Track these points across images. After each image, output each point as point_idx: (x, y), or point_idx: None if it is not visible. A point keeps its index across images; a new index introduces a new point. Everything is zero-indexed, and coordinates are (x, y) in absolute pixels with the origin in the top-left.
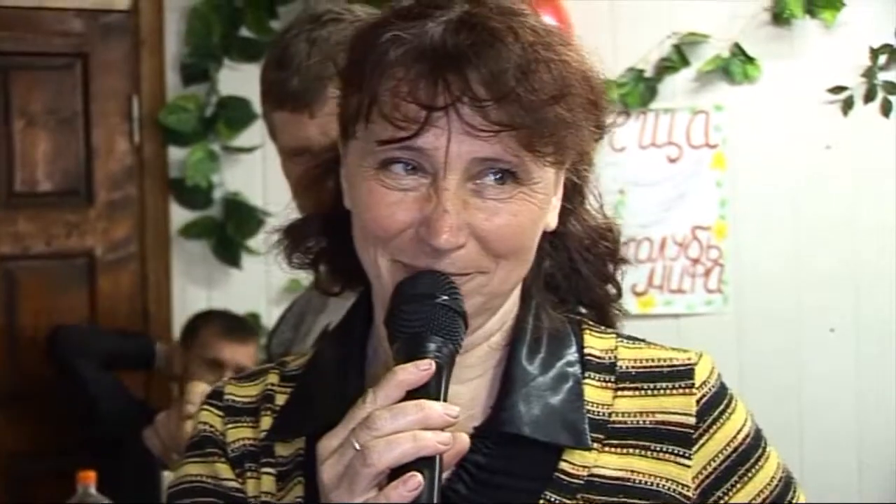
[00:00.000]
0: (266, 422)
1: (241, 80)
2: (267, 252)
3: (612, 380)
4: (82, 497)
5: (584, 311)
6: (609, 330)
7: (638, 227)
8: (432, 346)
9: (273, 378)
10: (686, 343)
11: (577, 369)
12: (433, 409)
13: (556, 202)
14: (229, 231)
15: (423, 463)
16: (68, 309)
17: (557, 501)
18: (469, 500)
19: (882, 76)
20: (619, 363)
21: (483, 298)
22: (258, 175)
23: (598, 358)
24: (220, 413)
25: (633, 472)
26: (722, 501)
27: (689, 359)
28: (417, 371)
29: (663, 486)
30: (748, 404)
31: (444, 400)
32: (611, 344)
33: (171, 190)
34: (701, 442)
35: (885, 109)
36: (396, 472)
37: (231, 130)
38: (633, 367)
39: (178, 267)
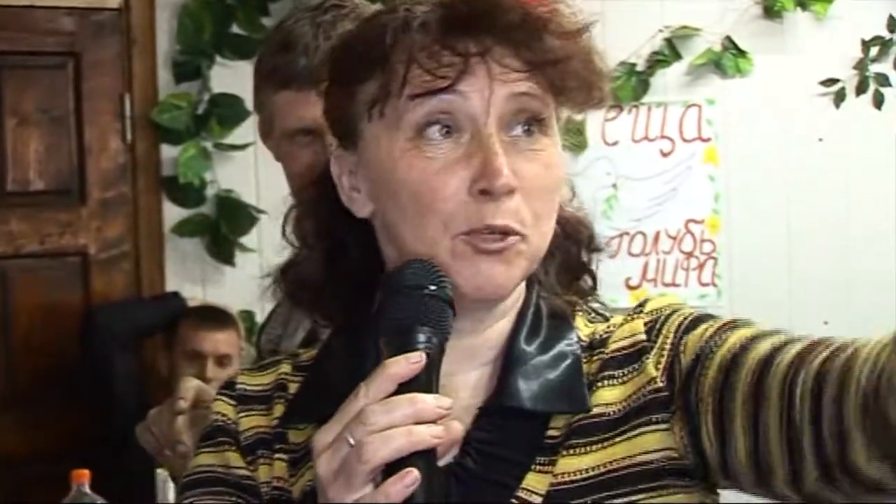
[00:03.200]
0: (279, 409)
1: (233, 77)
2: (260, 250)
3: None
4: (76, 496)
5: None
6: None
7: (631, 222)
8: (422, 338)
9: (286, 367)
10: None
11: (576, 348)
12: (426, 402)
13: None
14: (222, 229)
15: (419, 456)
16: (62, 308)
17: (547, 461)
18: (477, 474)
19: (874, 68)
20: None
21: (527, 263)
22: (251, 172)
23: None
24: (233, 402)
25: (607, 404)
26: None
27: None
28: (408, 364)
29: (637, 397)
30: None
31: (436, 391)
32: (601, 328)
33: (163, 188)
34: (656, 343)
35: (877, 101)
36: (392, 467)
37: (223, 128)
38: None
39: (171, 265)
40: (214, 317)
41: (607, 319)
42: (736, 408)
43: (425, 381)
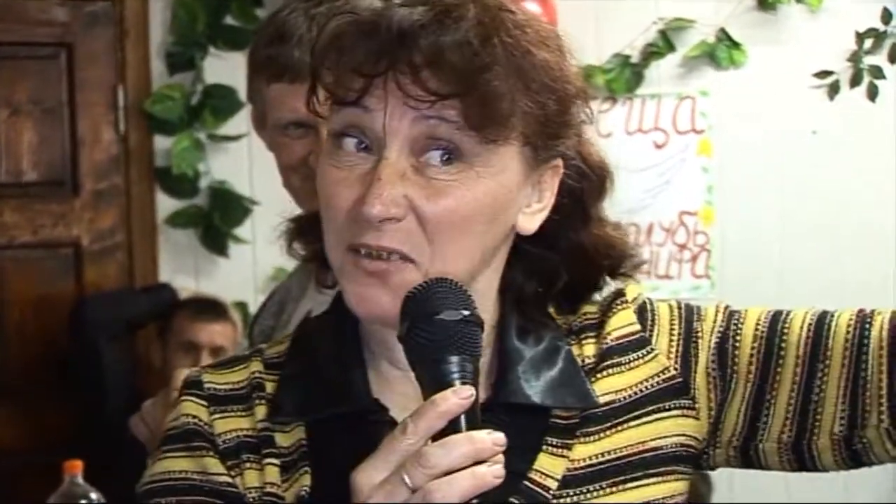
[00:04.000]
0: (261, 411)
1: (226, 68)
2: (253, 241)
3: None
4: (69, 487)
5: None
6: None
7: (624, 213)
8: (464, 369)
9: (256, 365)
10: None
11: (561, 337)
12: (483, 440)
13: (536, 206)
14: (216, 220)
15: (479, 497)
16: (55, 300)
17: (560, 444)
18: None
19: (868, 60)
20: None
21: (400, 294)
22: (244, 163)
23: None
24: (204, 403)
25: (616, 391)
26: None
27: (617, 289)
28: (459, 400)
29: (649, 385)
30: None
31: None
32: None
33: (157, 179)
34: (654, 332)
35: (872, 94)
36: None
37: (217, 119)
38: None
39: (164, 256)
40: (210, 308)
41: (573, 306)
42: (786, 372)
43: (472, 415)
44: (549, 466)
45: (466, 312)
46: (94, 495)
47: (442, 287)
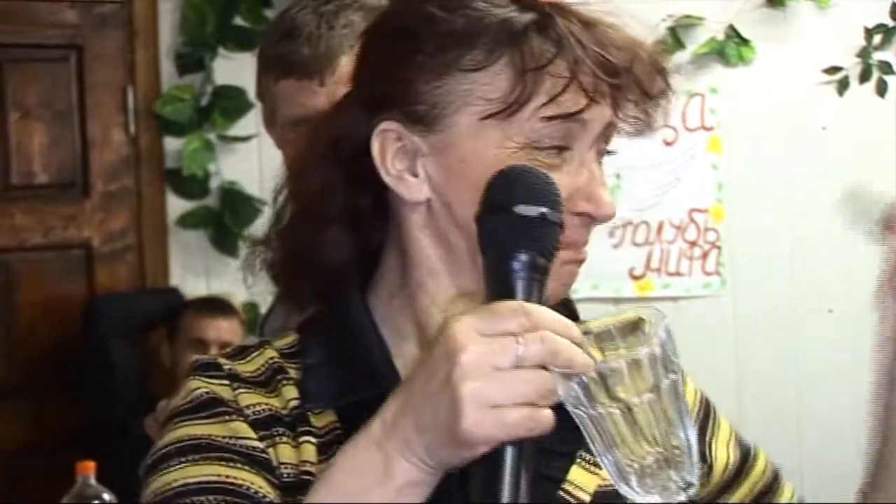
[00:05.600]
0: (290, 391)
1: (235, 69)
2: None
3: None
4: (81, 488)
5: None
6: None
7: (635, 211)
8: (531, 271)
9: (271, 352)
10: (685, 326)
11: None
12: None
13: None
14: (226, 220)
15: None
16: (66, 301)
17: (592, 461)
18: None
19: (877, 56)
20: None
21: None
22: (254, 164)
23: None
24: (225, 381)
25: None
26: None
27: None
28: (568, 331)
29: None
30: (747, 385)
31: None
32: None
33: (167, 180)
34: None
35: (881, 89)
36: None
37: (226, 120)
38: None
39: (175, 257)
40: (217, 306)
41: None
42: None
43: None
44: (583, 480)
45: (545, 210)
46: (106, 496)
47: (529, 178)
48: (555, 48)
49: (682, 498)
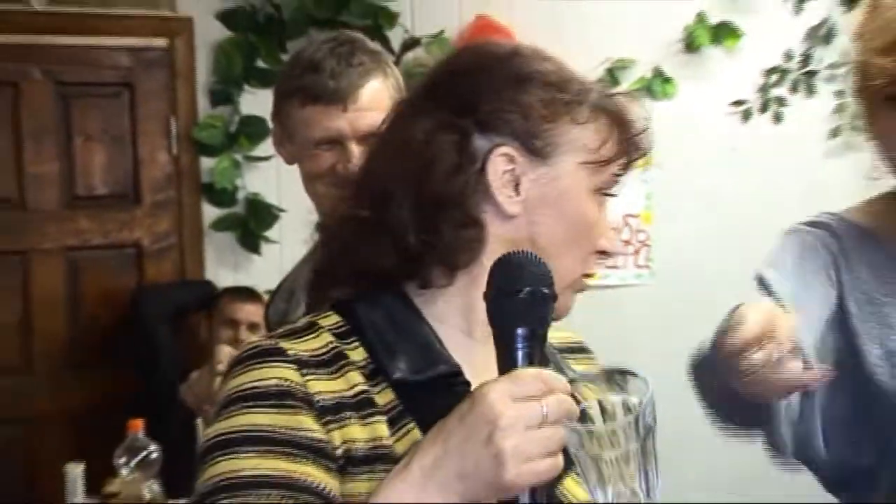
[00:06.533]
0: (354, 376)
1: (258, 102)
2: (281, 241)
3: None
4: (132, 441)
5: None
6: None
7: None
8: (530, 343)
9: (328, 336)
10: (621, 309)
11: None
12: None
13: None
14: (250, 225)
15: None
16: (120, 290)
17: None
18: None
19: (773, 92)
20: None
21: None
22: (273, 179)
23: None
24: (294, 366)
25: None
26: None
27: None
28: (566, 388)
29: None
30: (673, 359)
31: None
32: None
33: (202, 192)
34: None
35: (776, 118)
36: None
37: (251, 143)
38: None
39: (209, 254)
40: (246, 293)
41: None
42: None
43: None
44: (575, 492)
45: (545, 290)
46: (152, 447)
47: (531, 267)
48: (629, 128)
49: None
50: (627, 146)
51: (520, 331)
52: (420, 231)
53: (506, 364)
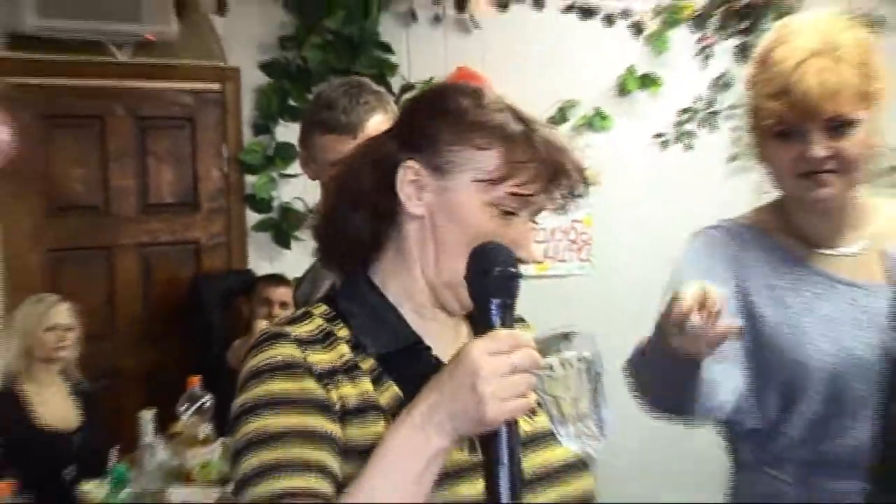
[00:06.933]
0: (342, 348)
1: (289, 132)
2: (307, 239)
3: None
4: (190, 393)
5: None
6: None
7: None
8: (503, 311)
9: (318, 321)
10: (565, 294)
11: None
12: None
13: None
14: (283, 227)
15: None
16: (182, 278)
17: None
18: None
19: (686, 127)
20: None
21: None
22: (300, 191)
23: None
24: (295, 345)
25: None
26: None
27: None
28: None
29: None
30: (611, 337)
31: None
32: None
33: (246, 202)
34: None
35: (687, 147)
36: None
37: (284, 163)
38: None
39: (251, 250)
40: (278, 279)
41: None
42: None
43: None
44: (521, 423)
45: (511, 269)
46: (207, 397)
47: (501, 256)
48: (531, 154)
49: (589, 450)
50: (518, 169)
51: (494, 301)
52: (358, 224)
53: (484, 328)
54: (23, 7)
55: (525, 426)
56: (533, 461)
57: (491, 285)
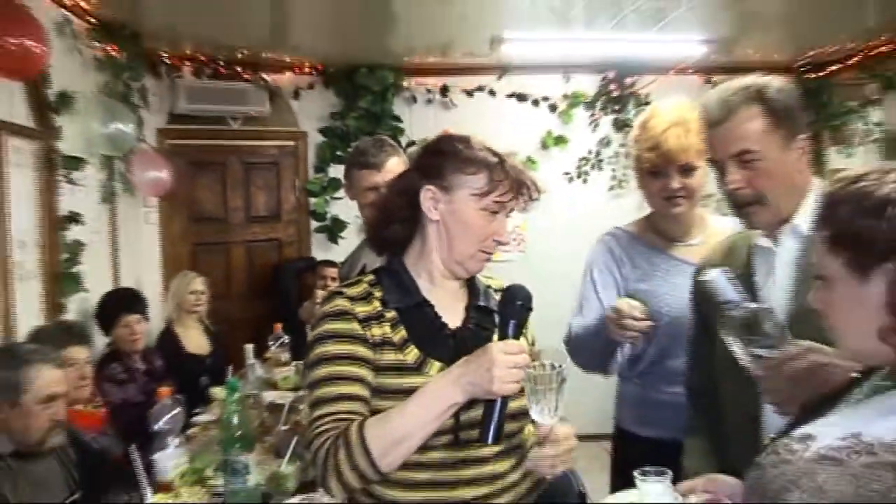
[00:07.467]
0: (376, 304)
1: (338, 171)
2: (348, 237)
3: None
4: (276, 334)
5: None
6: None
7: None
8: (516, 328)
9: (365, 285)
10: (507, 272)
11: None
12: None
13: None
14: (333, 230)
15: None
16: (270, 262)
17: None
18: (475, 333)
19: (583, 168)
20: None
21: None
22: (344, 208)
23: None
24: (347, 300)
25: None
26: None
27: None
28: (522, 350)
29: None
30: (540, 308)
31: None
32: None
33: (310, 215)
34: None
35: (585, 181)
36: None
37: (334, 190)
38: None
39: (314, 245)
40: (330, 262)
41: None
42: None
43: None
44: (512, 406)
45: (528, 305)
46: (286, 337)
47: (521, 292)
48: (504, 176)
49: (547, 422)
50: (497, 185)
51: (512, 321)
52: (397, 229)
53: (502, 336)
54: (178, 97)
55: (512, 404)
56: (511, 425)
57: (513, 311)
